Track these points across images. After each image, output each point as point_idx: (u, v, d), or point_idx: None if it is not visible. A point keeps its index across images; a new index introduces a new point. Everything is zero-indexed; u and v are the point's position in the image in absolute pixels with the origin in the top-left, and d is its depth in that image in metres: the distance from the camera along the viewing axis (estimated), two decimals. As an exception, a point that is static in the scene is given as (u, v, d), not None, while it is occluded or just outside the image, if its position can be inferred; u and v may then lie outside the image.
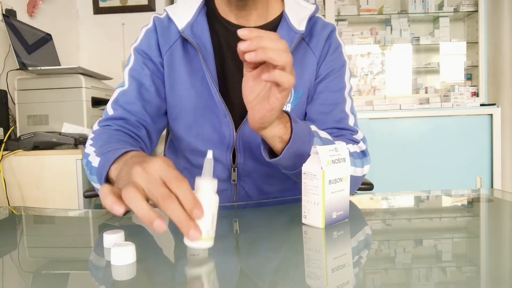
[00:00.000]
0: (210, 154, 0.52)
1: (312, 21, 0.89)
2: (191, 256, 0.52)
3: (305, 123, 0.72)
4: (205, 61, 0.82)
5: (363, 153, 0.84)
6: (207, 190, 0.50)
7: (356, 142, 0.84)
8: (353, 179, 0.74)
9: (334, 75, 0.88)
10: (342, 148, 0.64)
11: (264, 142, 0.70)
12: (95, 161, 0.66)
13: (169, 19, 0.87)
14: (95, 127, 0.81)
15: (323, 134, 0.75)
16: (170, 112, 0.89)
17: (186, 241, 0.50)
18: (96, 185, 0.68)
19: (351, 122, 0.87)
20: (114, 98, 0.85)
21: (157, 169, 0.46)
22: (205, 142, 0.86)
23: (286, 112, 0.69)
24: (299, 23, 0.86)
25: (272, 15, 0.89)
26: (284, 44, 0.56)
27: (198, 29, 0.85)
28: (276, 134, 0.66)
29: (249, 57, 0.54)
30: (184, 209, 0.44)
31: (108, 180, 0.62)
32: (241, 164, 0.86)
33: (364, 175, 0.82)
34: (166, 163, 0.47)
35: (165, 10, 0.89)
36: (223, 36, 0.87)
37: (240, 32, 0.54)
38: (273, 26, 0.87)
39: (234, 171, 0.86)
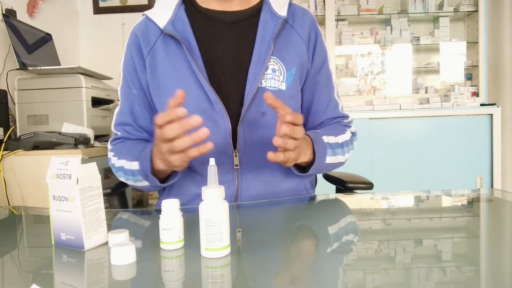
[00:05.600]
0: (212, 161, 0.53)
1: (292, 6, 0.95)
2: (191, 257, 0.52)
3: (320, 140, 0.86)
4: (190, 53, 0.85)
5: (353, 134, 0.97)
6: (215, 198, 0.50)
7: (348, 126, 0.97)
8: (340, 164, 0.93)
9: (324, 66, 0.96)
10: (73, 164, 0.55)
11: None
12: (134, 165, 0.83)
13: (147, 21, 0.92)
14: (109, 146, 0.96)
15: (332, 139, 0.89)
16: (161, 109, 0.91)
17: (204, 253, 0.50)
18: (144, 183, 0.84)
19: (340, 107, 0.99)
20: (115, 120, 0.95)
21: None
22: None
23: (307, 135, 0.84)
24: (280, 8, 0.91)
25: (254, 0, 0.94)
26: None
27: (179, 24, 0.88)
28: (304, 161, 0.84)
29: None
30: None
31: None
32: (242, 150, 0.86)
33: (350, 156, 0.96)
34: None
35: (143, 14, 0.94)
36: (206, 25, 0.90)
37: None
38: (255, 10, 0.92)
39: (236, 156, 0.86)
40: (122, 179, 0.91)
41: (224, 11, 0.91)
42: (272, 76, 0.87)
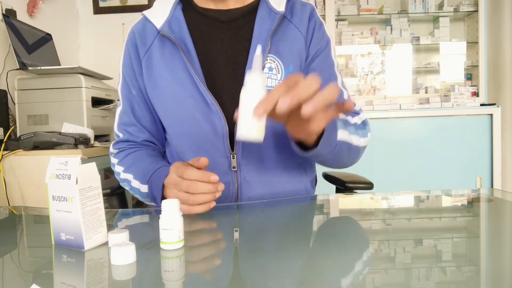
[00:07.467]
0: (259, 50, 0.55)
1: (291, 1, 0.92)
2: (191, 256, 0.52)
3: None
4: (185, 54, 0.85)
5: (364, 123, 0.90)
6: (255, 84, 0.51)
7: (355, 113, 0.90)
8: (356, 149, 0.83)
9: (322, 54, 0.92)
10: (73, 164, 0.55)
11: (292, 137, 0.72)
12: (142, 188, 0.84)
13: (145, 21, 0.92)
14: (113, 149, 0.96)
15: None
16: (159, 110, 0.91)
17: (238, 136, 0.53)
18: (151, 203, 0.86)
19: (345, 96, 0.93)
20: (117, 121, 0.96)
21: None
22: (199, 133, 0.86)
23: None
24: (278, 4, 0.89)
25: None
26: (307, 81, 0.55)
27: (176, 25, 0.88)
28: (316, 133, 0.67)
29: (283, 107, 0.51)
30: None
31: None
32: (240, 151, 0.86)
33: (365, 146, 0.88)
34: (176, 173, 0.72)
35: (142, 14, 0.94)
36: (203, 25, 0.90)
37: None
38: (252, 7, 0.90)
39: (233, 158, 0.86)
40: (127, 189, 0.91)
41: (220, 10, 0.90)
42: (269, 75, 0.85)
